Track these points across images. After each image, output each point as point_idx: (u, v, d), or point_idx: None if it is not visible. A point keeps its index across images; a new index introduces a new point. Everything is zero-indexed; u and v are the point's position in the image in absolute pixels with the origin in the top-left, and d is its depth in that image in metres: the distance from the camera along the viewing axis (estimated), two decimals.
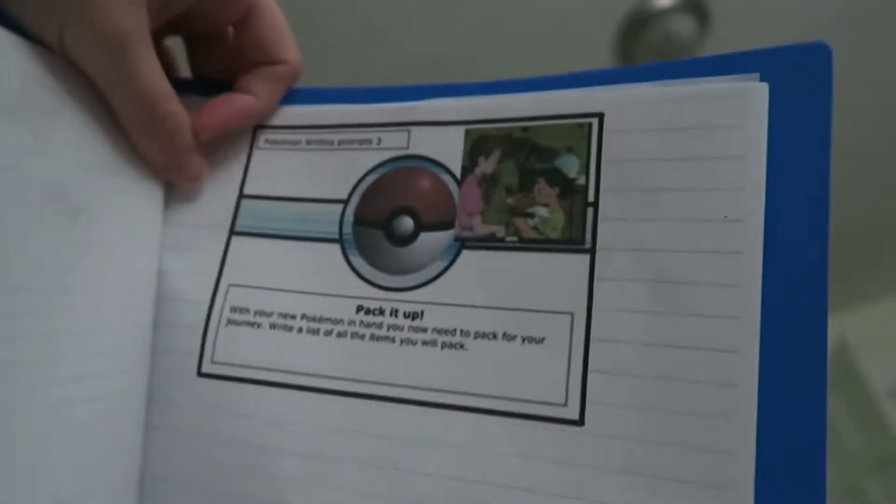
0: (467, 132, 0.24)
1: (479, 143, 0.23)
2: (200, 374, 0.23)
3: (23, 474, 0.17)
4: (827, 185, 0.18)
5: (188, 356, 0.24)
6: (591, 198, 0.21)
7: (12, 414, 0.17)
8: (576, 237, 0.21)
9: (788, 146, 0.19)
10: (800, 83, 0.19)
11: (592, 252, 0.21)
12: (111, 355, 0.21)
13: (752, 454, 0.18)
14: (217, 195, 0.26)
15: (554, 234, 0.22)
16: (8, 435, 0.17)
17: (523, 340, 0.21)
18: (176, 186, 0.25)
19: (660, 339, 0.20)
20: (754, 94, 0.20)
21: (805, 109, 0.19)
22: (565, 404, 0.20)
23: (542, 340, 0.21)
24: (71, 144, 0.21)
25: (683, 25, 0.62)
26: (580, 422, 0.20)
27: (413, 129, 0.24)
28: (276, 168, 0.26)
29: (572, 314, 0.21)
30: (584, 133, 0.22)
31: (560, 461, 0.20)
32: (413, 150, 0.24)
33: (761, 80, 0.20)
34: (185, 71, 0.28)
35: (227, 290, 0.24)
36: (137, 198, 0.23)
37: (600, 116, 0.22)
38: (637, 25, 0.63)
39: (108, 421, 0.21)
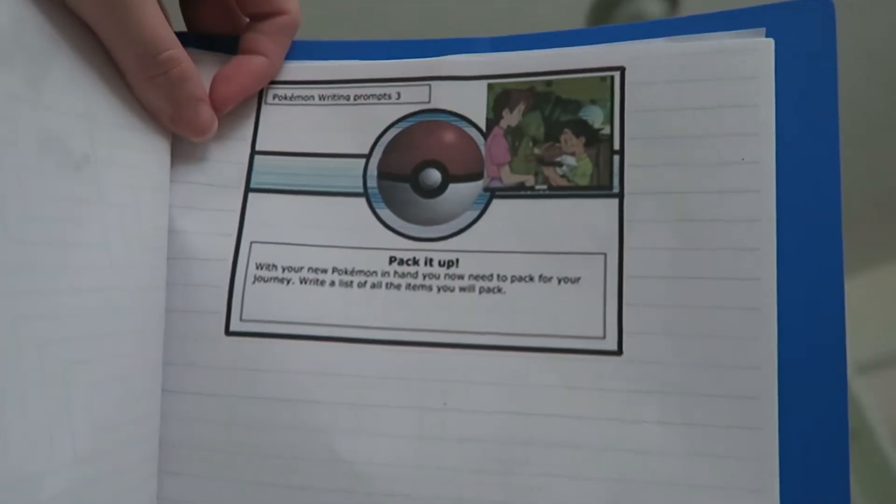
0: (490, 86, 0.24)
1: (502, 96, 0.24)
2: (229, 332, 0.23)
3: (39, 429, 0.17)
4: (835, 127, 0.21)
5: (212, 316, 0.23)
6: (616, 146, 0.23)
7: (23, 369, 0.16)
8: (604, 183, 0.23)
9: (795, 94, 0.21)
10: (804, 36, 0.22)
11: (621, 196, 0.23)
12: (124, 315, 0.21)
13: (774, 368, 0.21)
14: (227, 153, 0.25)
15: (583, 181, 0.23)
16: (21, 389, 0.16)
17: (559, 281, 0.23)
18: (181, 143, 0.25)
19: (687, 273, 0.22)
20: (763, 48, 0.22)
21: (810, 59, 0.22)
22: (604, 337, 0.22)
23: (577, 280, 0.22)
24: (68, 93, 0.20)
25: (653, 6, 0.66)
26: (619, 352, 0.22)
27: (434, 83, 0.25)
28: (288, 124, 0.25)
29: (605, 254, 0.22)
30: (606, 85, 0.23)
31: (602, 388, 0.21)
32: (435, 105, 0.25)
33: (767, 34, 0.22)
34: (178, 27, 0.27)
35: (249, 248, 0.24)
36: (143, 153, 0.23)
37: (622, 70, 0.23)
38: (609, 4, 0.66)
39: (123, 382, 0.20)
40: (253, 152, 0.25)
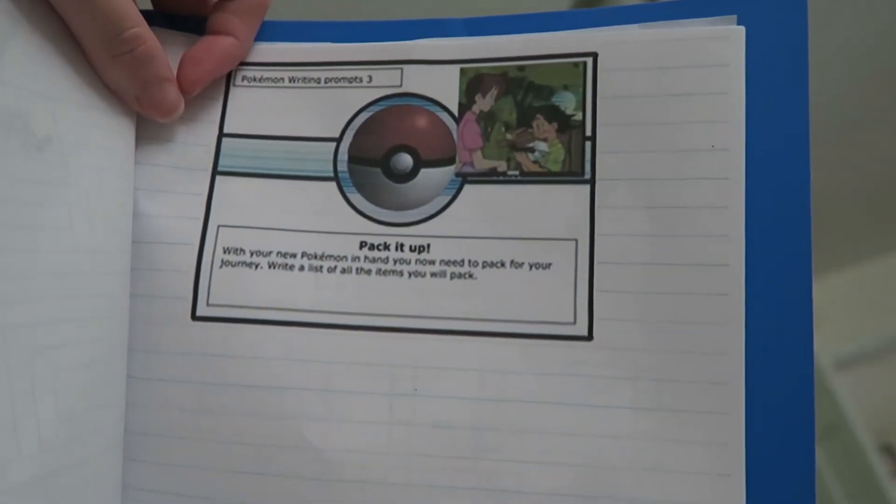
0: (462, 71, 0.25)
1: (475, 81, 0.25)
2: (195, 317, 0.23)
3: (3, 416, 0.16)
4: (805, 115, 0.21)
5: (179, 301, 0.23)
6: (588, 132, 0.23)
7: None
8: (576, 169, 0.23)
9: (766, 82, 0.22)
10: (776, 24, 0.22)
11: (592, 182, 0.23)
12: (90, 299, 0.20)
13: (741, 353, 0.21)
14: (194, 135, 0.25)
15: (555, 167, 0.23)
16: None
17: (531, 267, 0.23)
18: (146, 125, 0.24)
19: (658, 259, 0.22)
20: (734, 36, 0.22)
21: (781, 47, 0.22)
22: (574, 322, 0.22)
23: (548, 266, 0.23)
24: (27, 71, 0.19)
25: None
26: (589, 337, 0.22)
27: (406, 67, 0.25)
28: (257, 106, 0.25)
29: (576, 240, 0.23)
30: (579, 72, 0.24)
31: (572, 374, 0.22)
32: (407, 89, 0.25)
33: (739, 21, 0.23)
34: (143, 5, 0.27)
35: (217, 231, 0.24)
36: (108, 134, 0.22)
37: (594, 56, 0.24)
38: None
39: (89, 368, 0.20)
40: (221, 135, 0.25)
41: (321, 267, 0.24)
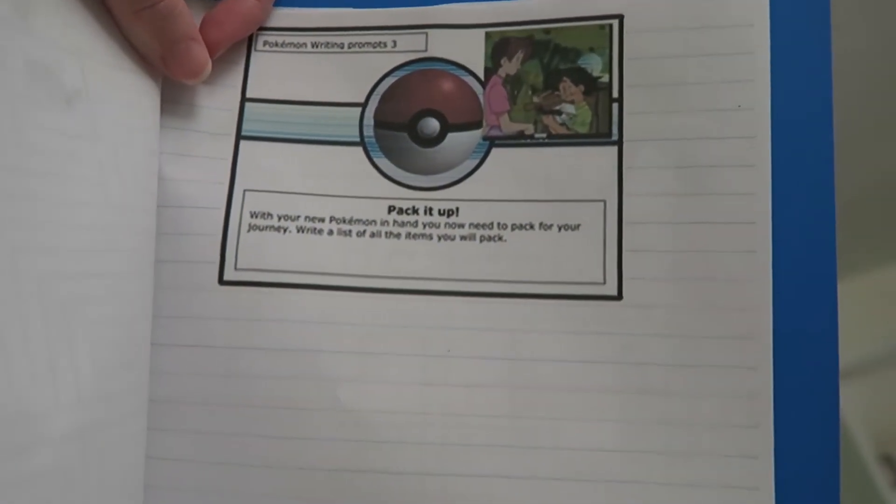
0: (488, 34, 0.25)
1: (500, 45, 0.25)
2: (223, 282, 0.23)
3: (42, 365, 0.17)
4: (829, 73, 0.22)
5: (205, 265, 0.23)
6: (615, 94, 0.24)
7: (23, 301, 0.16)
8: (603, 131, 0.24)
9: (791, 41, 0.23)
10: None
11: (620, 143, 0.24)
12: (120, 256, 0.21)
13: (769, 309, 0.22)
14: (216, 99, 0.25)
15: (582, 129, 0.24)
16: (22, 322, 0.16)
17: (559, 228, 0.23)
18: (168, 88, 0.24)
19: (685, 218, 0.23)
20: None
21: (804, 7, 0.23)
22: (604, 282, 0.23)
23: (577, 227, 0.23)
24: (57, 25, 0.19)
25: None
26: (619, 297, 0.23)
27: (430, 31, 0.25)
28: (280, 71, 0.26)
29: (604, 201, 0.23)
30: (605, 34, 0.24)
31: (604, 333, 0.23)
32: (432, 53, 0.25)
33: None
34: None
35: (243, 196, 0.24)
36: (135, 93, 0.22)
37: (620, 18, 0.24)
38: None
39: (121, 325, 0.20)
40: (244, 99, 0.25)
41: (350, 231, 0.24)
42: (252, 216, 0.24)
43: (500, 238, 0.24)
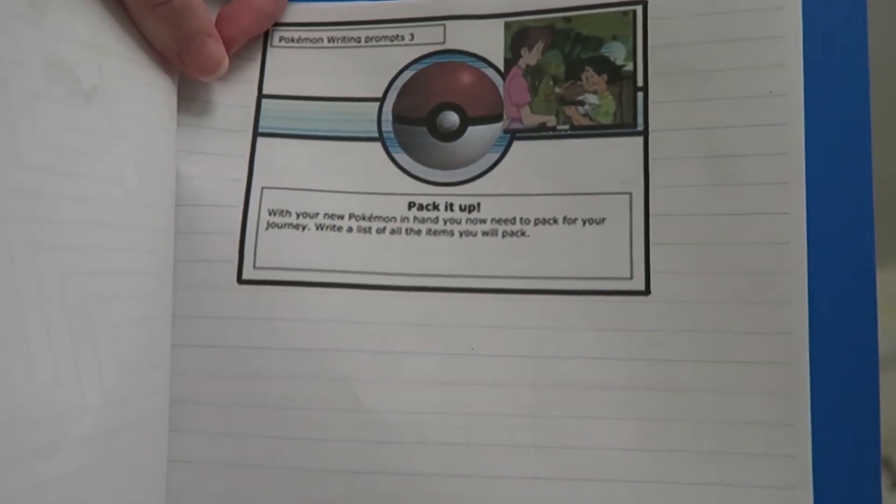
0: (507, 24, 0.25)
1: (520, 34, 0.25)
2: (241, 281, 0.23)
3: (66, 365, 0.17)
4: (865, 56, 0.21)
5: (223, 264, 0.23)
6: (640, 83, 0.23)
7: (46, 299, 0.16)
8: (627, 121, 0.23)
9: (824, 24, 0.22)
10: None
11: (645, 134, 0.23)
12: (141, 254, 0.21)
13: (804, 302, 0.21)
14: (232, 96, 0.25)
15: (606, 120, 0.24)
16: (45, 321, 0.16)
17: (584, 222, 0.23)
18: (184, 85, 0.24)
19: (715, 209, 0.22)
20: None
21: None
22: (631, 277, 0.22)
23: (602, 221, 0.23)
24: (72, 21, 0.19)
25: None
26: (647, 291, 0.22)
27: (448, 23, 0.25)
28: (296, 67, 0.25)
29: (630, 194, 0.23)
30: (628, 21, 0.24)
31: (631, 329, 0.22)
32: (450, 45, 0.25)
33: None
34: None
35: (261, 194, 0.24)
36: (153, 90, 0.22)
37: (644, 4, 0.24)
38: None
39: (143, 325, 0.20)
40: (260, 96, 0.25)
41: (370, 228, 0.24)
42: (270, 214, 0.24)
43: (522, 233, 0.23)
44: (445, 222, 0.23)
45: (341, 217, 0.24)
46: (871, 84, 0.22)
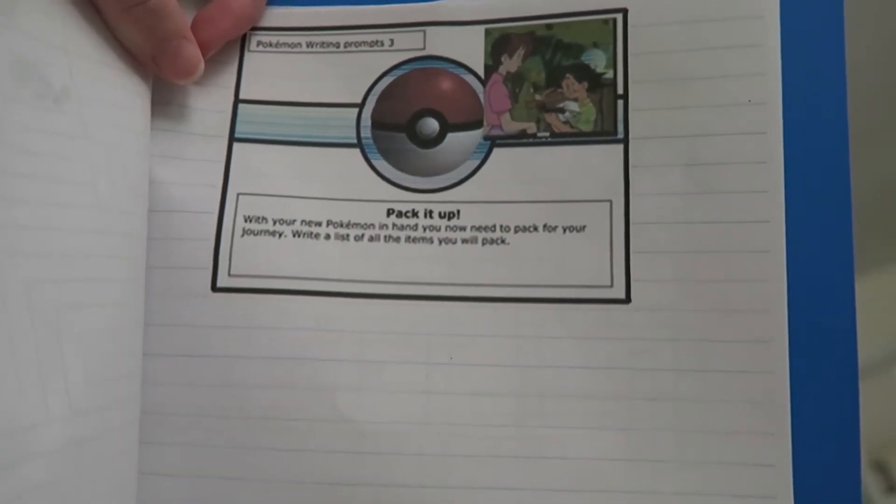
0: (487, 31, 0.25)
1: (500, 41, 0.25)
2: (216, 288, 0.23)
3: (30, 375, 0.16)
4: (842, 65, 0.22)
5: (198, 271, 0.23)
6: (620, 90, 0.23)
7: (11, 307, 0.16)
8: (608, 128, 0.23)
9: (802, 33, 0.22)
10: None
11: (626, 141, 0.23)
12: (112, 261, 0.20)
13: (784, 310, 0.21)
14: (208, 101, 0.25)
15: (586, 127, 0.24)
16: (8, 330, 0.16)
17: (564, 230, 0.23)
18: (159, 89, 0.24)
19: (695, 217, 0.22)
20: None
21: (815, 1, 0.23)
22: (611, 285, 0.22)
23: (583, 228, 0.23)
24: (42, 22, 0.19)
25: None
26: (627, 300, 0.22)
27: (428, 29, 0.25)
28: (274, 72, 0.25)
29: (611, 201, 0.23)
30: (609, 28, 0.24)
31: (611, 338, 0.22)
32: (430, 51, 0.25)
33: None
34: None
35: (236, 200, 0.24)
36: (125, 93, 0.22)
37: (624, 12, 0.24)
38: None
39: (113, 334, 0.20)
40: (237, 101, 0.25)
41: (348, 235, 0.24)
42: (246, 220, 0.23)
43: (502, 241, 0.23)
44: (425, 229, 0.23)
45: (319, 224, 0.24)
46: (849, 92, 0.22)
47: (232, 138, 0.24)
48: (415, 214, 0.24)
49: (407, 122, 0.25)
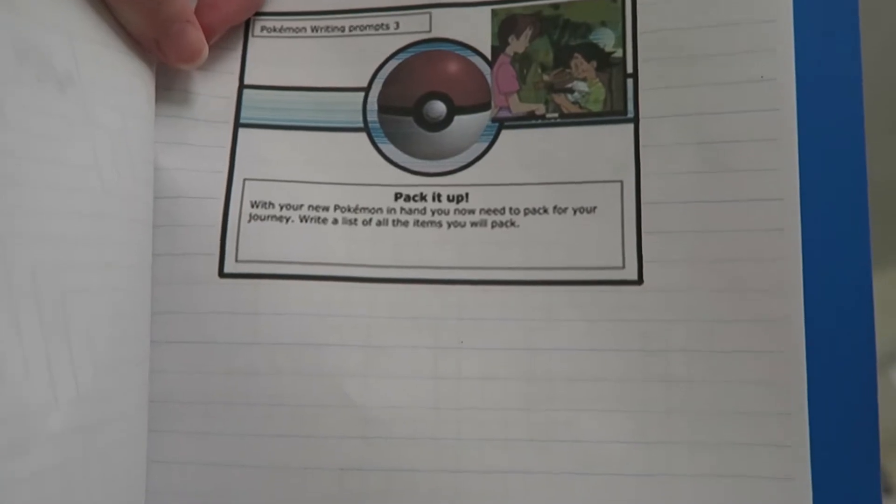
0: (494, 12, 0.25)
1: (507, 22, 0.24)
2: (223, 274, 0.23)
3: (37, 359, 0.16)
4: (857, 40, 0.21)
5: (204, 258, 0.23)
6: (629, 69, 0.23)
7: (16, 291, 0.16)
8: (618, 108, 0.23)
9: (815, 7, 0.22)
10: None
11: (636, 121, 0.23)
12: (118, 247, 0.20)
13: (800, 289, 0.21)
14: (213, 86, 0.24)
15: (595, 107, 0.23)
16: (14, 313, 0.16)
17: (575, 211, 0.23)
18: (162, 75, 0.24)
19: (707, 196, 0.22)
20: None
21: None
22: (623, 266, 0.22)
23: (593, 210, 0.23)
24: (45, 5, 0.19)
25: None
26: (639, 281, 0.22)
27: (434, 11, 0.25)
28: (279, 57, 0.25)
29: (621, 182, 0.23)
30: (617, 6, 0.24)
31: (623, 319, 0.22)
32: (436, 34, 0.25)
33: None
34: None
35: (243, 185, 0.24)
36: (129, 78, 0.22)
37: None
38: None
39: (120, 319, 0.20)
40: (241, 86, 0.25)
41: (355, 220, 0.23)
42: (253, 206, 0.23)
43: (512, 223, 0.23)
44: (433, 213, 0.23)
45: (326, 209, 0.23)
46: (864, 68, 0.22)
47: (237, 124, 0.24)
48: (423, 198, 0.23)
49: (414, 105, 0.24)
